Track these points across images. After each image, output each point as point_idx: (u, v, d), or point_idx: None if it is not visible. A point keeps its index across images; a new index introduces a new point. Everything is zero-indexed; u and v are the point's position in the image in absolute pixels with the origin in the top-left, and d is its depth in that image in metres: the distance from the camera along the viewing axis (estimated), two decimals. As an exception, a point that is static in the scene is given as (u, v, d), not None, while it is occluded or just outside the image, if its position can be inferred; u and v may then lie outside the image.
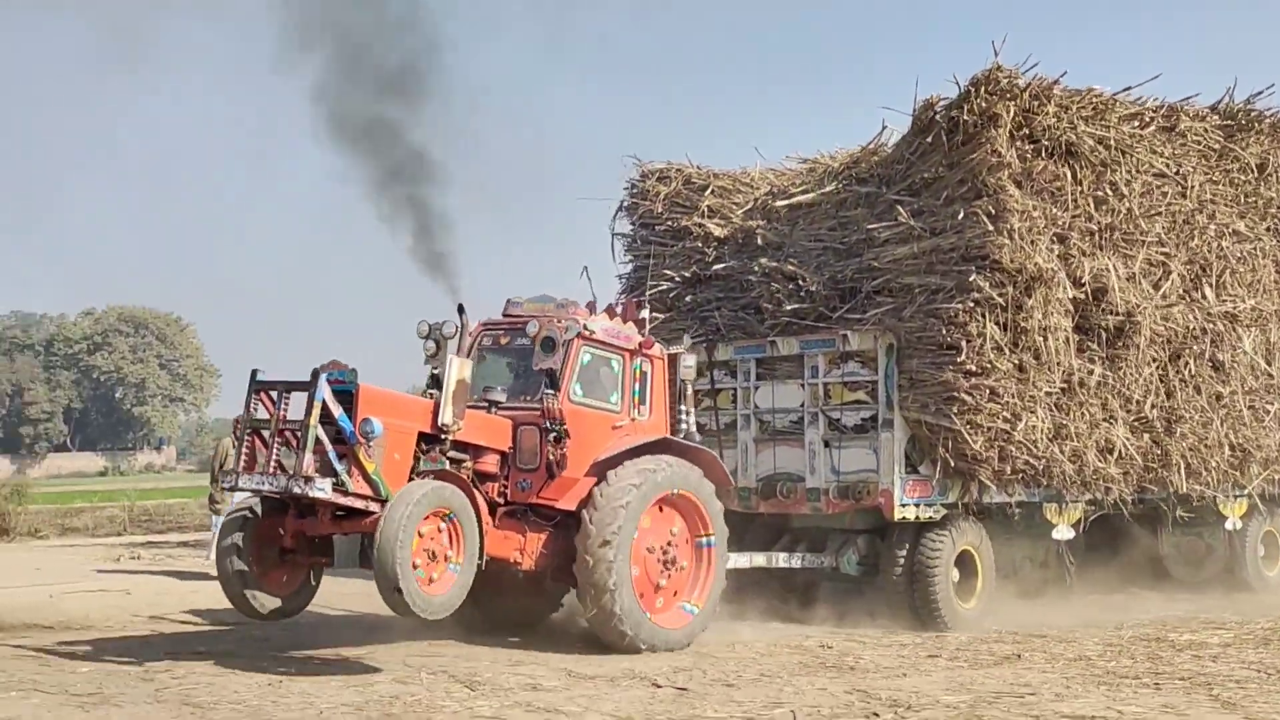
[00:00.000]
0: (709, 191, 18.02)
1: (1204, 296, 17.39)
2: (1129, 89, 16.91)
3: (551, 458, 12.83)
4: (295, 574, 12.44)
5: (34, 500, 34.45)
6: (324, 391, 11.45)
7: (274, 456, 11.63)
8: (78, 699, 10.41)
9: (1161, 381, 17.16)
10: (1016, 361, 15.61)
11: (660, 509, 13.45)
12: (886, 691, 11.04)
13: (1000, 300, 15.32)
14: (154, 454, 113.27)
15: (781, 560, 16.38)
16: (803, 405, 16.66)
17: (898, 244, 16.02)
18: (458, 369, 12.38)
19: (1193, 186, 17.28)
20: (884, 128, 16.77)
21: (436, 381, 13.30)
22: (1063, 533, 17.47)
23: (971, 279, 15.28)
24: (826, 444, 16.46)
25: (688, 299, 17.66)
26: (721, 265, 17.39)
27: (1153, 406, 17.06)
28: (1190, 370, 17.36)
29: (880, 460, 16.00)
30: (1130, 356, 16.51)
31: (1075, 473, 16.42)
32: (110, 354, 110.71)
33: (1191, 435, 17.42)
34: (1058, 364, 15.90)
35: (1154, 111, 17.17)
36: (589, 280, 14.74)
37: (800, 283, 16.60)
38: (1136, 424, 17.02)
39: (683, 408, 14.69)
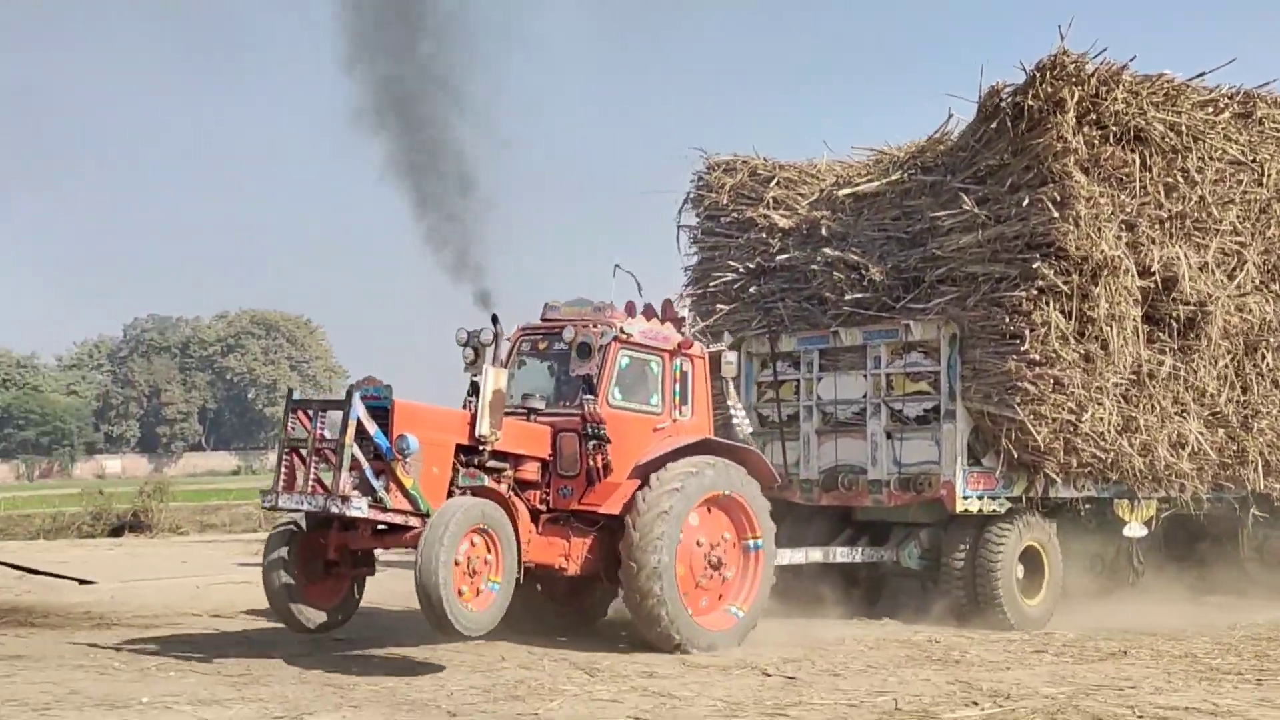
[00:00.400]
0: (774, 183, 17.86)
1: (1283, 287, 16.90)
2: (1202, 74, 16.52)
3: (592, 463, 12.76)
4: (339, 586, 12.50)
5: (174, 498, 35.63)
6: (358, 409, 11.51)
7: (312, 475, 11.70)
8: (229, 679, 11.15)
9: (1237, 375, 16.73)
10: (1082, 351, 15.30)
11: (708, 510, 13.33)
12: (988, 683, 11.43)
13: (1065, 288, 15.03)
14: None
15: (840, 555, 16.16)
16: (865, 396, 16.48)
17: (962, 232, 15.77)
18: (494, 379, 12.35)
19: (1270, 174, 16.80)
20: (950, 116, 16.53)
21: (476, 389, 13.25)
22: (1134, 530, 17.08)
23: (1035, 266, 15.02)
24: (889, 435, 16.27)
25: (751, 290, 17.50)
26: (785, 256, 17.22)
27: (1228, 400, 16.64)
28: (1268, 363, 16.90)
29: (942, 452, 15.77)
30: (1202, 348, 16.11)
31: (1146, 468, 16.05)
32: (243, 356, 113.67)
33: (1270, 431, 16.96)
34: (1126, 354, 15.55)
35: (1229, 98, 16.75)
36: (636, 280, 14.37)
37: (863, 272, 16.39)
38: (1211, 418, 16.60)
39: (730, 404, 14.54)
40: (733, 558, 13.51)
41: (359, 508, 11.30)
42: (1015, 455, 15.43)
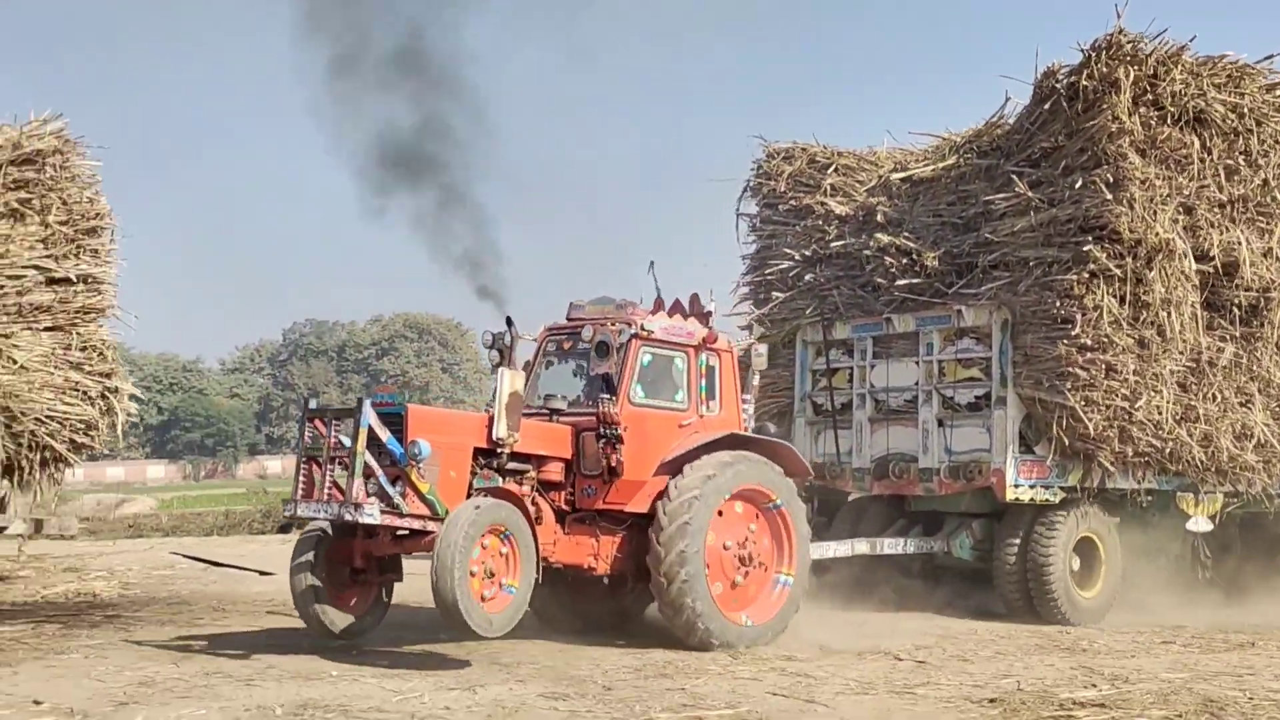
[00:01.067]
0: (832, 170, 17.68)
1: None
2: (1270, 57, 16.07)
3: (609, 463, 12.55)
4: (366, 593, 12.46)
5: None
6: (369, 417, 11.47)
7: (328, 483, 11.70)
8: (407, 656, 12.10)
9: (1306, 364, 16.24)
10: (1136, 337, 14.95)
11: (756, 515, 13.14)
12: (1110, 668, 11.99)
13: (1117, 272, 14.70)
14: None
15: (888, 546, 15.90)
16: (917, 383, 16.24)
17: (1015, 216, 15.51)
18: (509, 382, 12.27)
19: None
20: (1007, 99, 16.23)
21: None
22: (1198, 525, 16.64)
23: (1087, 249, 14.71)
24: (940, 423, 16.02)
25: (807, 278, 17.34)
26: (840, 243, 17.04)
27: (1297, 391, 16.16)
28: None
29: (993, 439, 15.51)
30: (1265, 336, 15.64)
31: (1207, 459, 15.63)
32: (396, 358, 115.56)
33: None
34: (1183, 341, 15.16)
35: None
36: (654, 277, 14.23)
37: (915, 258, 16.17)
38: (1278, 409, 16.12)
39: (745, 398, 14.23)
40: (760, 530, 13.23)
41: (371, 514, 11.30)
42: (1067, 443, 15.10)
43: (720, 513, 12.82)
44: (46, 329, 16.92)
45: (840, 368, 17.07)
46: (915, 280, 16.17)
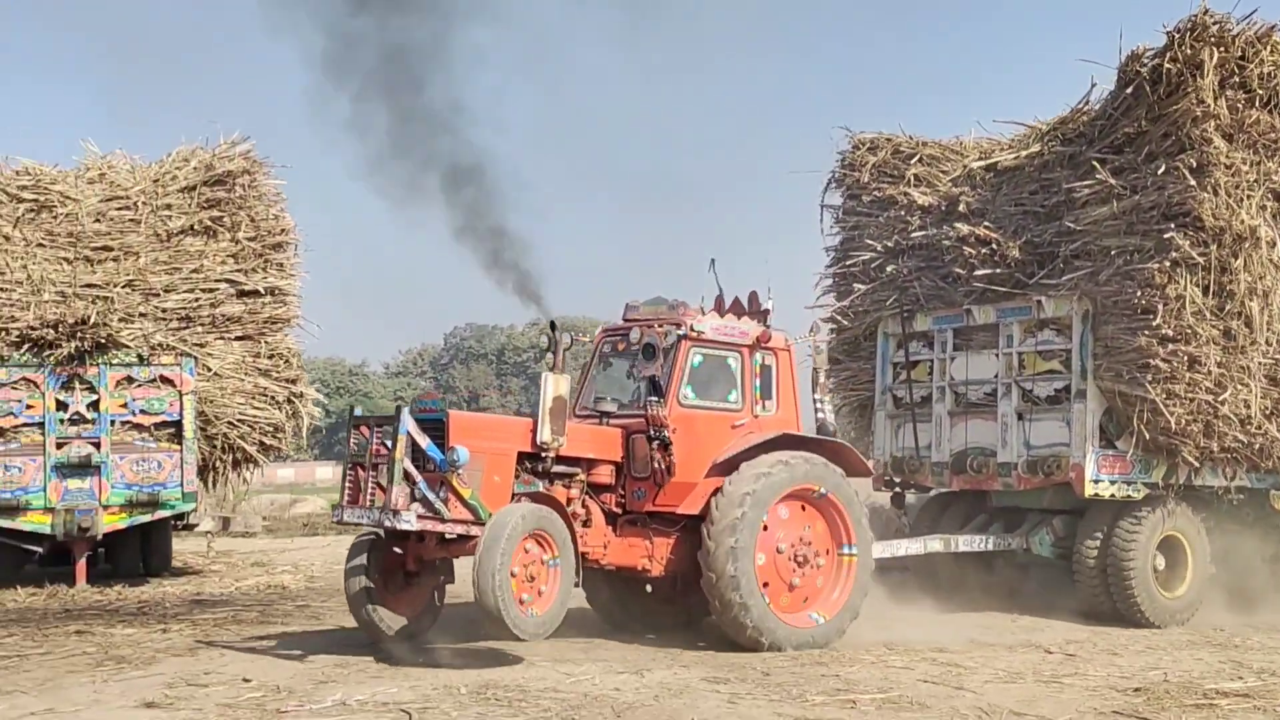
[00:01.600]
0: (916, 160, 17.39)
1: None
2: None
3: (658, 465, 12.51)
4: (419, 595, 12.50)
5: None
6: (407, 424, 11.54)
7: (370, 489, 11.81)
8: (575, 644, 12.72)
9: None
10: (1222, 328, 14.44)
11: (803, 507, 12.94)
12: (1259, 662, 12.32)
13: (1200, 261, 14.20)
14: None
15: (963, 544, 15.57)
16: (996, 376, 15.88)
17: (1097, 204, 15.09)
18: (553, 386, 12.25)
19: None
20: (1092, 85, 15.79)
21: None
22: None
23: (1169, 237, 14.25)
24: (1019, 416, 15.65)
25: (889, 269, 17.06)
26: (921, 234, 16.74)
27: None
28: None
29: (1072, 433, 15.10)
30: None
31: None
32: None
33: None
34: (1272, 332, 14.62)
35: None
36: (715, 275, 14.01)
37: (995, 248, 15.82)
38: None
39: (816, 397, 14.17)
40: (822, 558, 13.03)
41: (408, 520, 11.36)
42: (1148, 437, 14.64)
43: (774, 513, 12.68)
44: (237, 338, 18.74)
45: (920, 360, 16.77)
46: (995, 270, 15.80)
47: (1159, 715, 9.79)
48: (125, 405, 17.90)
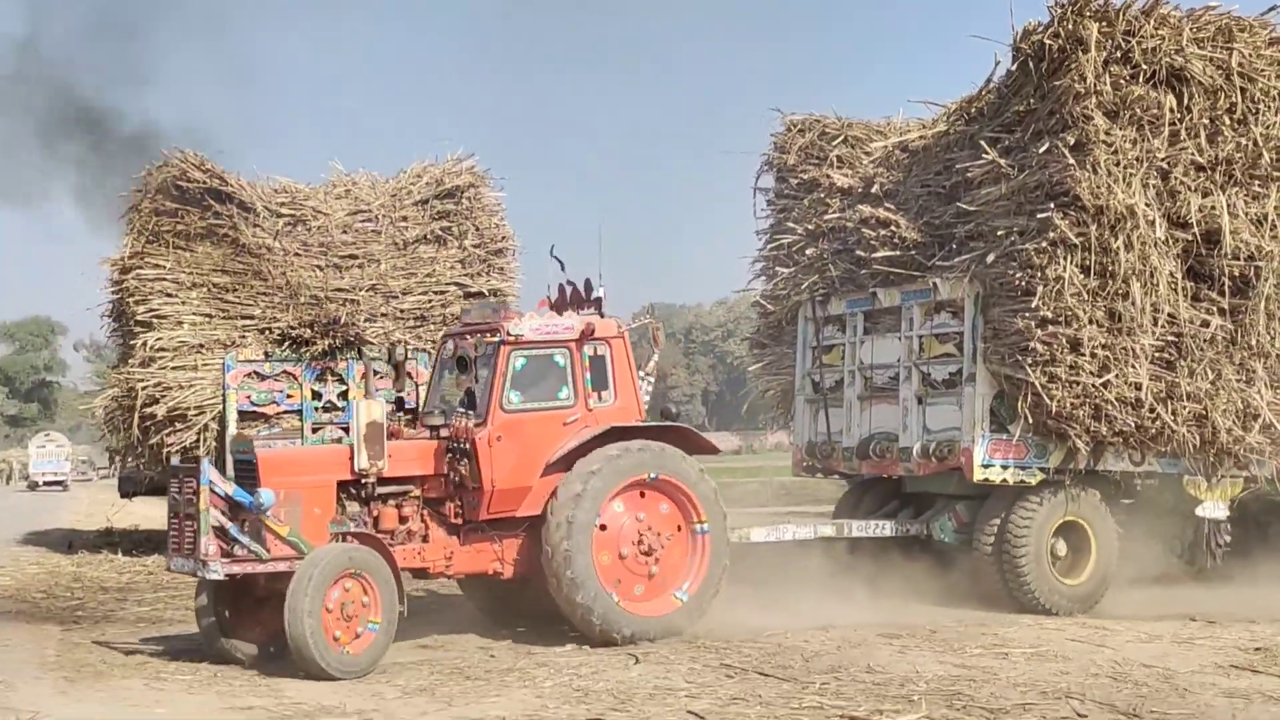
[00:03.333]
0: (840, 141, 17.24)
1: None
2: (1274, 8, 14.92)
3: (471, 476, 12.48)
4: (270, 618, 12.25)
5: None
6: (208, 476, 11.67)
7: (188, 537, 11.94)
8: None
9: (1323, 341, 15.05)
10: (1106, 309, 14.10)
11: (642, 494, 12.88)
12: None
13: (1079, 241, 13.89)
14: (783, 434, 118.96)
15: (857, 529, 15.44)
16: (899, 360, 15.72)
17: (989, 184, 14.84)
18: (364, 413, 12.28)
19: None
20: (996, 63, 15.46)
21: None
22: (1210, 510, 15.62)
23: (1046, 217, 13.97)
24: (919, 400, 15.47)
25: (809, 252, 16.95)
26: (834, 216, 16.60)
27: (1312, 369, 14.99)
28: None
29: (963, 417, 14.88)
30: (1259, 308, 14.53)
31: (1204, 440, 14.67)
32: (742, 340, 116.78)
33: None
34: (1158, 313, 14.24)
35: None
36: (560, 262, 13.94)
37: (894, 230, 15.64)
38: None
39: (642, 374, 13.98)
40: (678, 541, 13.02)
41: (215, 570, 11.52)
42: (1029, 420, 14.37)
43: (610, 509, 12.68)
44: None
45: (834, 344, 16.66)
46: (895, 253, 15.63)
47: (1271, 668, 11.11)
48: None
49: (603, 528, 12.61)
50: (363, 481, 12.33)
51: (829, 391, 16.61)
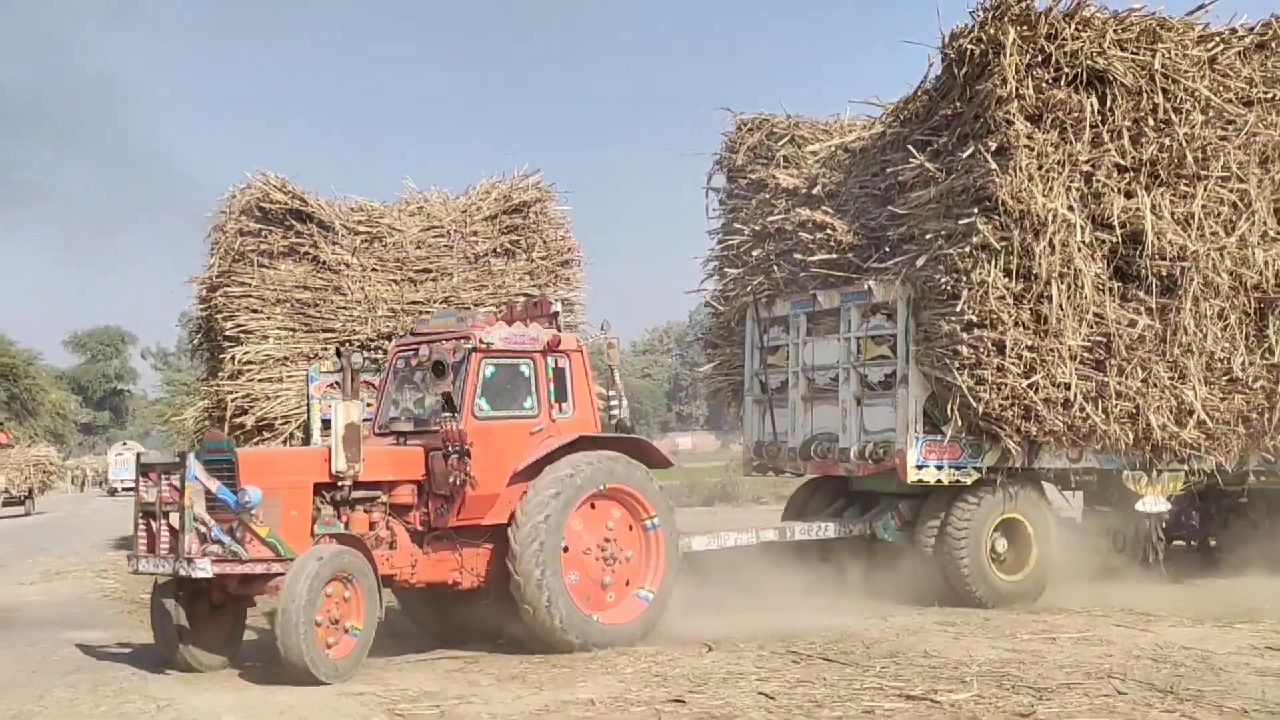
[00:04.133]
0: (786, 141, 17.38)
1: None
2: (1201, 8, 14.93)
3: (457, 480, 12.34)
4: (225, 625, 12.37)
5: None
6: (194, 471, 11.44)
7: (164, 536, 11.71)
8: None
9: (1257, 335, 15.11)
10: (1032, 312, 14.20)
11: (593, 506, 12.85)
12: None
13: (998, 245, 13.99)
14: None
15: (800, 532, 15.62)
16: (838, 362, 15.87)
17: (920, 188, 14.96)
18: (344, 414, 12.14)
19: (1291, 111, 15.02)
20: (930, 65, 15.50)
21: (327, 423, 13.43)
22: (1150, 505, 15.75)
23: (969, 221, 14.08)
24: (858, 402, 15.63)
25: (755, 253, 17.12)
26: (778, 217, 16.75)
27: (1246, 364, 15.05)
28: (1299, 323, 15.16)
29: (897, 419, 15.04)
30: (1187, 307, 14.58)
31: (1140, 437, 14.79)
32: (695, 341, 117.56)
33: None
34: (1083, 315, 14.32)
35: (1235, 32, 15.05)
36: None
37: (829, 233, 15.78)
38: (1227, 384, 15.08)
39: (611, 394, 14.05)
40: (630, 543, 13.07)
41: (203, 569, 11.26)
42: (960, 422, 14.53)
43: (569, 525, 12.60)
44: None
45: (779, 345, 16.82)
46: (831, 256, 15.77)
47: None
48: None
49: (565, 549, 12.55)
50: (338, 484, 12.21)
51: (774, 392, 16.78)
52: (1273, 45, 15.22)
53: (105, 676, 11.65)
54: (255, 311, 19.41)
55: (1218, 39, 14.95)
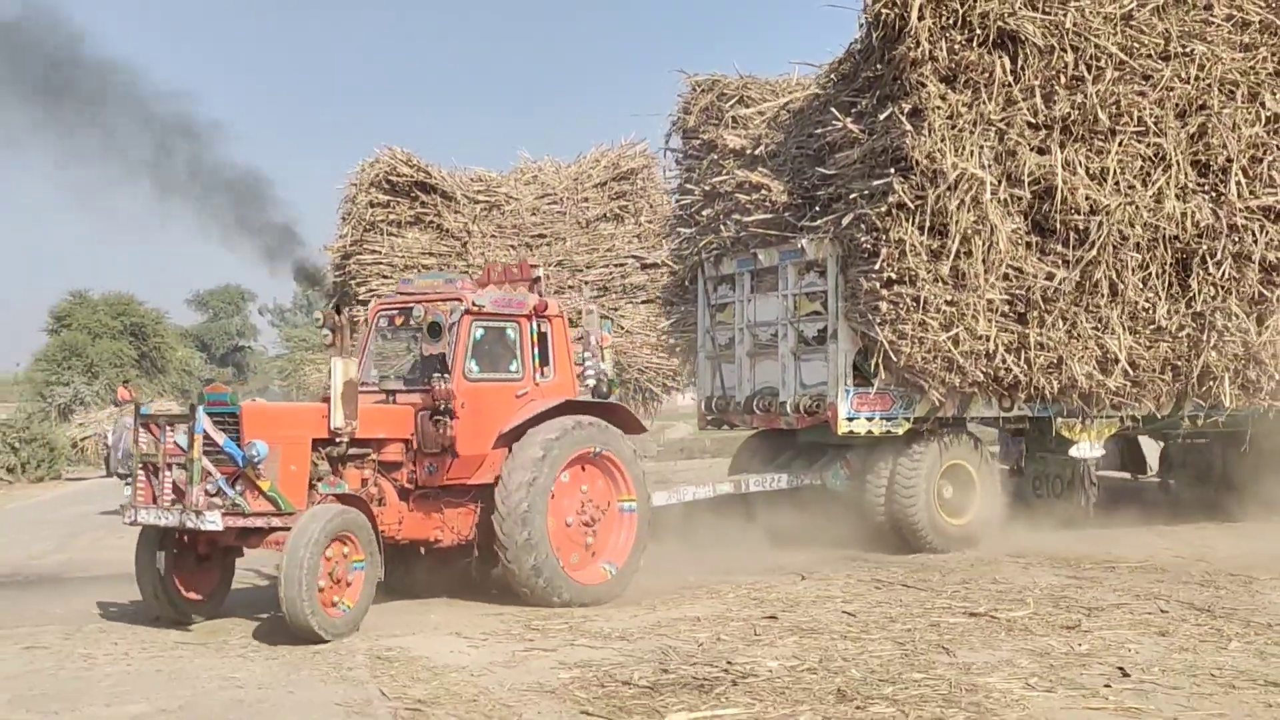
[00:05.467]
0: (735, 101, 17.80)
1: (1231, 190, 15.33)
2: (1117, -36, 15.14)
3: (443, 442, 12.50)
4: (212, 576, 12.51)
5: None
6: (203, 423, 11.50)
7: (167, 488, 11.74)
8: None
9: (1180, 286, 15.45)
10: (950, 268, 14.62)
11: (582, 468, 13.14)
12: None
13: (910, 204, 14.41)
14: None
15: (754, 484, 16.15)
16: (778, 318, 16.38)
17: (845, 149, 15.39)
18: (342, 370, 12.22)
19: (1208, 67, 15.25)
20: (860, 27, 15.87)
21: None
22: (1084, 450, 16.21)
23: (885, 181, 14.51)
24: (795, 357, 16.14)
25: (705, 213, 17.62)
26: (724, 177, 17.23)
27: (1170, 314, 15.40)
28: (1225, 273, 15.45)
29: (829, 373, 15.55)
30: (1106, 259, 14.93)
31: (1065, 386, 15.22)
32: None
33: (1233, 343, 15.57)
34: (1004, 269, 14.73)
35: None
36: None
37: (764, 193, 16.25)
38: (1152, 334, 15.44)
39: (588, 355, 14.35)
40: (607, 516, 13.32)
41: (213, 521, 11.32)
42: (883, 374, 15.01)
43: (559, 479, 12.85)
44: (642, 302, 23.77)
45: (727, 303, 17.34)
46: (768, 215, 16.25)
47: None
48: None
49: (553, 495, 12.82)
50: (336, 440, 12.34)
51: (723, 348, 17.33)
52: (1188, 1, 15.39)
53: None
54: (385, 277, 20.60)
55: (1135, -2, 15.18)
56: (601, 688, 9.09)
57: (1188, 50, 15.25)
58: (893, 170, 14.53)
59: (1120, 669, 9.22)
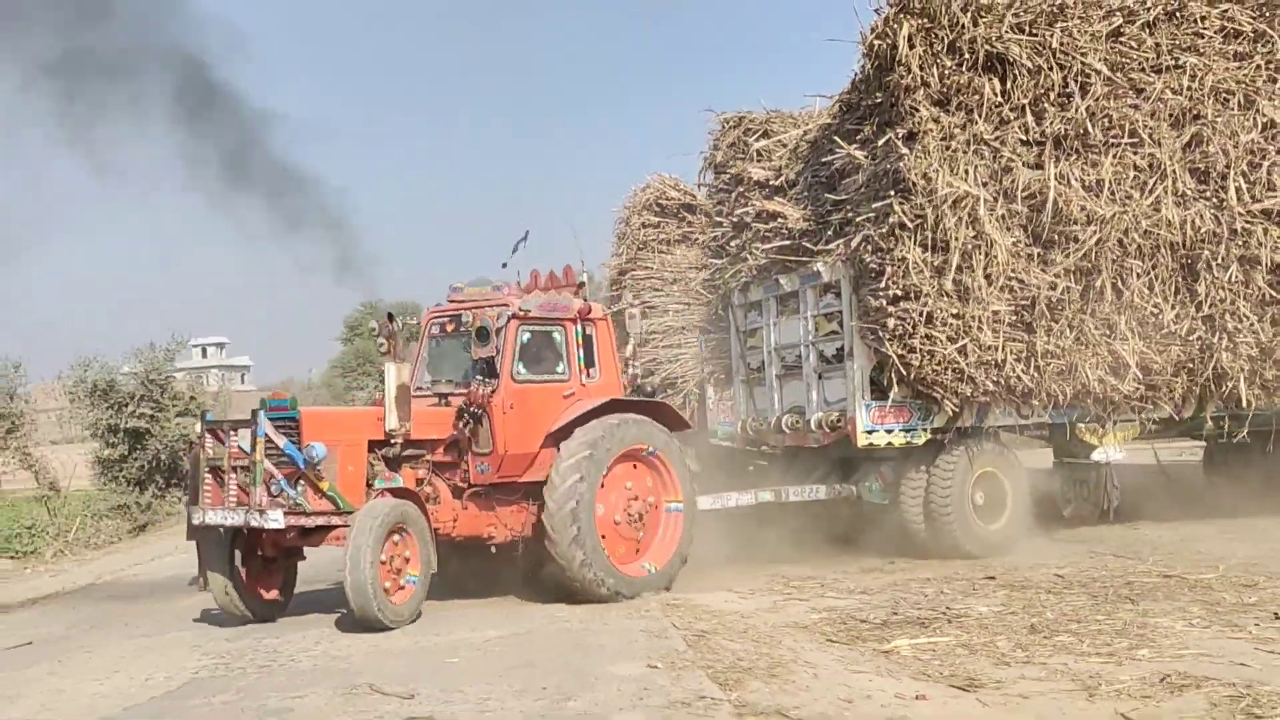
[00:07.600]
0: (759, 135, 18.51)
1: (1231, 195, 15.68)
2: (1105, -16, 15.65)
3: (494, 441, 13.05)
4: (277, 577, 13.19)
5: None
6: (264, 427, 12.16)
7: (233, 490, 12.43)
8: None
9: (1188, 291, 15.82)
10: (954, 282, 15.17)
11: (634, 465, 13.70)
12: None
13: (910, 223, 14.99)
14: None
15: (794, 494, 16.73)
16: (800, 339, 17.02)
17: (852, 174, 16.06)
18: (394, 375, 12.85)
19: (1199, 77, 15.67)
20: (862, 57, 16.55)
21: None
22: (1105, 455, 16.60)
23: (886, 203, 15.13)
24: (819, 376, 16.77)
25: (734, 243, 18.35)
26: (747, 209, 17.96)
27: (1178, 318, 15.77)
28: (1231, 276, 15.79)
29: (847, 389, 16.14)
30: (1106, 266, 15.36)
31: (1079, 392, 15.66)
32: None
33: (1246, 344, 15.90)
34: (1007, 281, 15.23)
35: (1144, 2, 15.76)
36: (525, 248, 15.15)
37: (780, 221, 16.95)
38: (1163, 337, 15.82)
39: (630, 359, 14.97)
40: (652, 516, 13.85)
41: (275, 519, 11.94)
42: (895, 388, 15.56)
43: (610, 474, 13.39)
44: None
45: (756, 328, 18.03)
46: (786, 242, 16.94)
47: None
48: None
49: (602, 486, 13.34)
50: (391, 442, 12.97)
51: (754, 372, 18.01)
52: (1179, 15, 15.82)
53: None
54: (656, 290, 21.33)
55: (1120, 13, 15.64)
56: (843, 625, 11.55)
57: (1179, 63, 15.67)
58: (893, 192, 15.13)
59: (1276, 614, 10.93)
